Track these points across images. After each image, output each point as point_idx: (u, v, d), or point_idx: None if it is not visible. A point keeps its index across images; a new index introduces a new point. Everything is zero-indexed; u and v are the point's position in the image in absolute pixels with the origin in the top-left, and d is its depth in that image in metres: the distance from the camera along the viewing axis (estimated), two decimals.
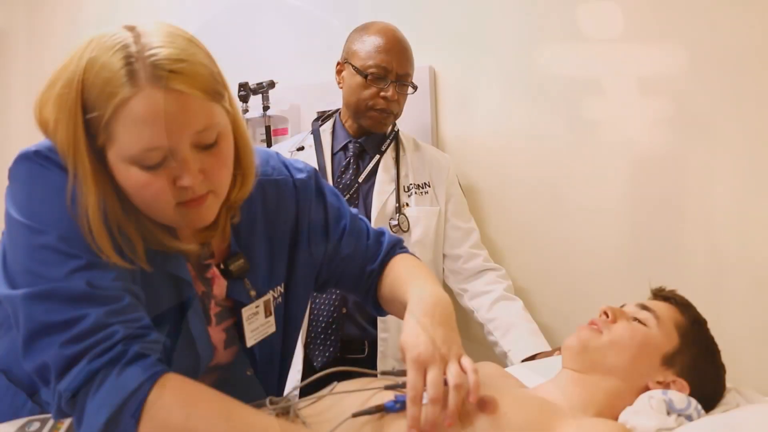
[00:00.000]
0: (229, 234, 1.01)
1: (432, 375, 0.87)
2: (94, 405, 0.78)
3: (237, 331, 1.04)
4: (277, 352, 1.13)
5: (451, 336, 0.93)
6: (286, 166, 1.13)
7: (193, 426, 0.78)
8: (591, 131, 1.98)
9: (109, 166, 0.84)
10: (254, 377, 1.07)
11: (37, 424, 0.92)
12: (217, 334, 1.02)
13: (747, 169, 1.79)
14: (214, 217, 0.92)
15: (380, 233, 1.22)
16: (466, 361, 0.90)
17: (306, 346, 1.77)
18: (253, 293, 1.03)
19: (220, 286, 1.02)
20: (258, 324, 1.05)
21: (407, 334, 0.93)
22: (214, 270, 1.01)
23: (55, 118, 0.82)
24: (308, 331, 1.78)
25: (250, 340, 1.04)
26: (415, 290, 1.02)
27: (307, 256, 1.13)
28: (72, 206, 0.83)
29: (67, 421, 0.92)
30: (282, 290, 1.11)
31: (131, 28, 0.83)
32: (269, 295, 1.06)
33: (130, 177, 0.83)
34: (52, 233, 0.82)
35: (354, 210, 1.22)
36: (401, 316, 1.03)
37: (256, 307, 1.04)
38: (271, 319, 1.07)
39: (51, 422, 0.92)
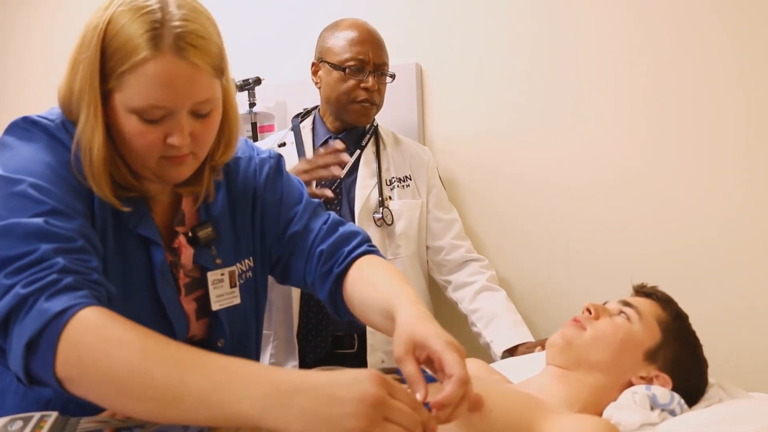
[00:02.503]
0: (213, 191, 1.07)
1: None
2: (19, 329, 0.77)
3: (207, 301, 1.07)
4: (251, 326, 1.15)
5: None
6: (252, 148, 1.19)
7: (108, 352, 0.74)
8: (576, 127, 1.99)
9: (110, 109, 0.91)
10: (225, 349, 1.08)
11: (20, 423, 0.90)
12: (187, 303, 1.05)
13: (726, 167, 1.81)
14: (188, 176, 0.99)
15: (339, 222, 1.16)
16: None
17: (299, 342, 1.78)
18: (219, 261, 1.07)
19: (187, 256, 1.05)
20: (223, 291, 1.07)
21: (424, 325, 0.85)
22: (181, 239, 1.05)
23: (77, 59, 0.91)
24: (299, 327, 1.78)
25: (215, 305, 1.06)
26: (403, 298, 0.94)
27: (262, 231, 1.15)
28: (77, 147, 0.91)
29: (50, 420, 0.92)
30: (251, 264, 1.13)
31: None
32: (235, 267, 1.09)
33: (129, 124, 0.90)
34: (27, 182, 0.86)
35: (317, 201, 1.20)
36: (373, 323, 1.01)
37: (221, 274, 1.07)
38: (236, 290, 1.09)
39: (34, 421, 0.91)
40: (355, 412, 0.67)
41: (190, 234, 1.05)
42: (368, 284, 1.04)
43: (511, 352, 1.69)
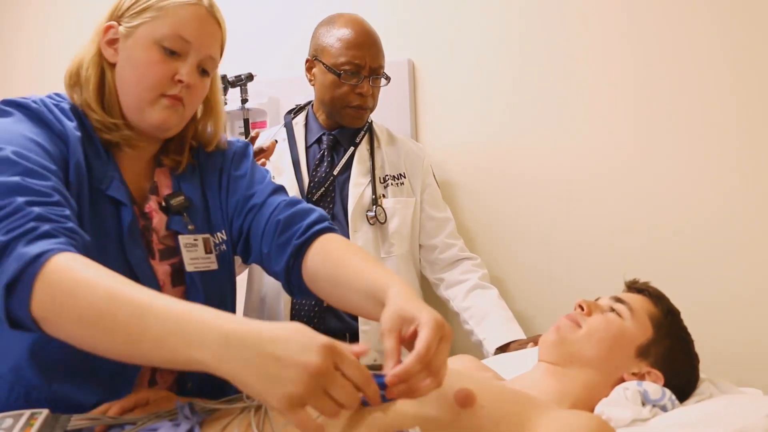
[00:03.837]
0: (187, 157, 1.16)
1: (445, 349, 0.81)
2: None
3: (182, 266, 1.10)
4: (227, 298, 1.19)
5: None
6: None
7: (78, 293, 0.78)
8: (569, 124, 1.99)
9: (125, 45, 1.05)
10: None
11: (9, 421, 0.90)
12: (161, 266, 1.09)
13: (717, 165, 1.82)
14: (173, 129, 1.10)
15: (299, 200, 1.18)
16: None
17: None
18: (191, 227, 1.12)
19: (159, 221, 1.11)
20: (198, 255, 1.12)
21: (417, 303, 0.85)
22: (152, 204, 1.11)
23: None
24: None
25: (189, 266, 1.10)
26: (394, 280, 0.94)
27: (227, 205, 1.19)
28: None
29: (41, 417, 0.91)
30: (224, 237, 1.17)
31: None
32: (209, 236, 1.14)
33: (148, 53, 1.04)
34: (8, 149, 0.91)
35: (280, 184, 1.22)
36: (348, 304, 1.01)
37: (195, 239, 1.12)
38: (212, 256, 1.13)
39: (24, 418, 0.91)
40: (296, 378, 0.69)
41: (163, 203, 1.11)
42: (342, 264, 1.03)
43: (503, 349, 1.69)
